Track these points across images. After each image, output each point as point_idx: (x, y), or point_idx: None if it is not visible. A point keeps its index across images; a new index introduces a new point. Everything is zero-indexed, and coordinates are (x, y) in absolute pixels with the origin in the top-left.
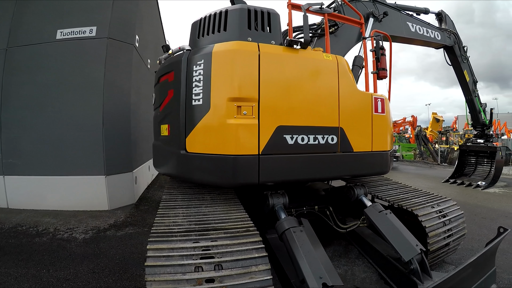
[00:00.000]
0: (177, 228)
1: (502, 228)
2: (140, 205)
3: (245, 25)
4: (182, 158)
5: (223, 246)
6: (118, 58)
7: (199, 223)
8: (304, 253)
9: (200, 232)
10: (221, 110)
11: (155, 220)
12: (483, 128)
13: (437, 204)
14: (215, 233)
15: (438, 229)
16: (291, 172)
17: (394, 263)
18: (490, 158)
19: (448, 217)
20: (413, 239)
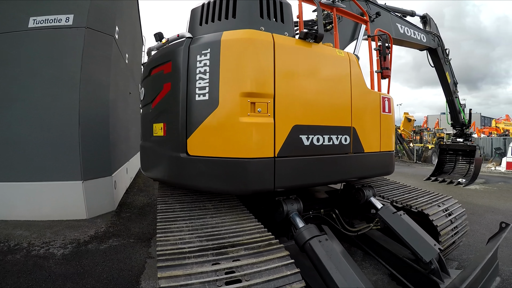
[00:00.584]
0: (187, 247)
1: (504, 223)
2: (121, 212)
3: (257, 13)
4: (182, 162)
5: (249, 266)
6: (96, 50)
7: (210, 238)
8: (335, 264)
9: (217, 251)
10: (233, 107)
11: (157, 237)
12: (462, 128)
13: (442, 203)
14: (234, 251)
15: (447, 227)
16: (307, 176)
17: (412, 264)
18: (468, 156)
19: (453, 215)
20: (430, 239)
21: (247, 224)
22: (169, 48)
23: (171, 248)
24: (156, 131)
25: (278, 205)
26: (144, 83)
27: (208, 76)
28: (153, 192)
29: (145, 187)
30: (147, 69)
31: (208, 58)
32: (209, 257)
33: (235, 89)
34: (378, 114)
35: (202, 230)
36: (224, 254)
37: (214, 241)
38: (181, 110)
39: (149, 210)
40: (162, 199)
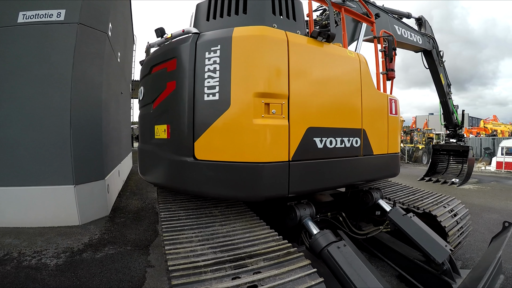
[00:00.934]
0: (202, 260)
1: (507, 222)
2: (115, 217)
3: (269, 9)
4: (188, 167)
5: (271, 278)
6: (89, 47)
7: (224, 249)
8: (356, 271)
9: (235, 263)
10: (246, 108)
11: (166, 250)
12: (455, 129)
13: (447, 204)
14: (253, 262)
15: (454, 227)
16: (319, 180)
17: (423, 265)
18: (461, 157)
19: (459, 216)
20: (441, 240)
21: (260, 232)
22: (174, 44)
23: (184, 262)
24: (158, 133)
25: (290, 211)
26: (143, 81)
27: (218, 74)
28: (146, 196)
29: (138, 190)
30: (147, 67)
31: (218, 55)
32: (227, 271)
33: (248, 89)
34: (386, 116)
35: (213, 240)
36: (243, 266)
37: (230, 252)
38: (187, 111)
39: (144, 215)
40: (164, 206)
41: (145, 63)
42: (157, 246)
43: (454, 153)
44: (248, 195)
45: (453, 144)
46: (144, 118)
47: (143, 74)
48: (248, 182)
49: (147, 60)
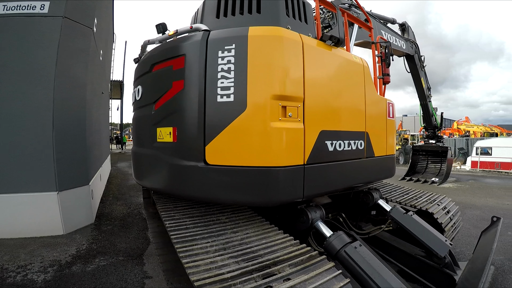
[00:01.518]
0: (226, 271)
1: (495, 217)
2: (101, 225)
3: (283, 11)
4: (199, 173)
5: (302, 284)
6: (74, 43)
7: (246, 257)
8: (376, 269)
9: (262, 272)
10: (263, 110)
11: (184, 263)
12: (434, 130)
13: (440, 202)
14: (279, 269)
15: (448, 224)
16: (330, 183)
17: (426, 260)
18: (440, 157)
19: (451, 212)
20: (441, 235)
21: (275, 237)
22: (181, 41)
23: (208, 275)
24: (162, 136)
25: (300, 214)
26: (141, 80)
27: (232, 74)
28: (130, 201)
29: (121, 194)
30: (147, 65)
31: (232, 54)
32: (257, 281)
33: (265, 90)
34: (385, 119)
35: (230, 248)
36: (271, 274)
37: (253, 261)
38: (198, 112)
39: (131, 221)
40: (167, 214)
41: (144, 61)
42: (151, 255)
43: (433, 153)
44: (265, 200)
45: (432, 144)
46: (141, 120)
47: (141, 72)
48: (265, 187)
49: (147, 57)
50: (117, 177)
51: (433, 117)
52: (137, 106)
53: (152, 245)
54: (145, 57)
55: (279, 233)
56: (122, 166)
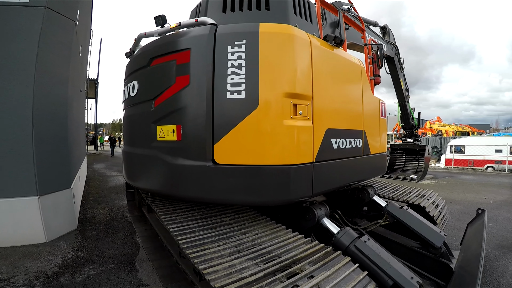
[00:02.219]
0: (248, 274)
1: (480, 209)
2: (85, 230)
3: (291, 9)
4: (207, 173)
5: (326, 280)
6: (56, 36)
7: (264, 258)
8: (387, 260)
9: (284, 272)
10: (275, 108)
11: (202, 269)
12: (412, 129)
13: (428, 197)
14: (300, 267)
15: (439, 216)
16: (334, 180)
17: (422, 251)
18: (418, 155)
19: (440, 206)
20: (436, 227)
21: (285, 236)
22: (185, 34)
23: (231, 280)
24: (163, 135)
25: (306, 212)
26: (136, 75)
27: (243, 71)
28: (112, 204)
29: (101, 197)
30: (145, 58)
31: (243, 50)
32: (283, 281)
33: (278, 88)
34: (378, 118)
35: (244, 250)
36: (294, 274)
37: (271, 262)
38: (206, 109)
39: (116, 225)
40: (168, 218)
41: (140, 54)
42: (144, 261)
43: (411, 151)
44: (277, 199)
45: (410, 143)
46: (137, 118)
47: (137, 66)
48: (277, 186)
49: (144, 50)
50: (95, 179)
51: (411, 117)
52: (131, 103)
53: (142, 250)
54: (142, 51)
55: (288, 231)
56: (98, 167)
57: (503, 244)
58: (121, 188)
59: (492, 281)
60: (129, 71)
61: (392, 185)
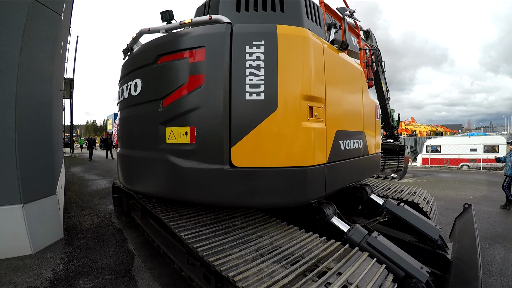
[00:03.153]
0: (280, 277)
1: (466, 204)
2: (73, 239)
3: (305, 12)
4: (225, 177)
5: (353, 276)
6: (41, 29)
7: (288, 260)
8: (398, 254)
9: (313, 272)
10: (294, 110)
11: (231, 276)
12: (392, 130)
13: (419, 194)
14: (326, 265)
15: (431, 212)
16: (342, 180)
17: (420, 245)
18: (398, 155)
19: (430, 202)
20: (431, 221)
21: (301, 237)
22: (199, 31)
23: (266, 285)
24: (174, 137)
25: (317, 212)
26: (139, 73)
27: (262, 72)
28: (97, 209)
29: (84, 203)
30: (149, 55)
31: (261, 51)
32: (315, 280)
33: (296, 90)
34: (375, 119)
35: (267, 253)
36: (323, 272)
37: (298, 262)
38: (223, 111)
39: (105, 233)
40: (177, 224)
41: (144, 51)
42: (142, 270)
43: (391, 151)
44: (297, 200)
45: (390, 143)
46: (140, 119)
47: (141, 64)
48: (296, 187)
49: (149, 47)
50: (75, 184)
51: (391, 118)
52: (133, 103)
53: (138, 258)
54: (147, 47)
55: (302, 232)
56: (76, 171)
57: (488, 236)
58: (103, 193)
59: (483, 269)
60: (129, 68)
61: (384, 184)
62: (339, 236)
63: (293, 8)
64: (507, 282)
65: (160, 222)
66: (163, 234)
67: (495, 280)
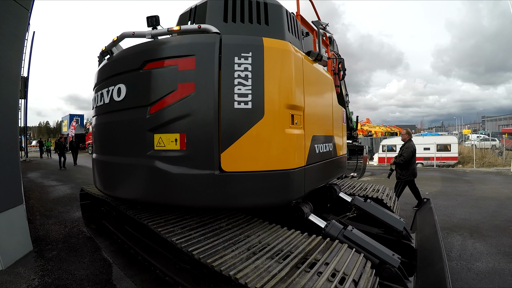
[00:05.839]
0: (277, 271)
1: (425, 198)
2: (43, 251)
3: (286, 27)
4: (215, 181)
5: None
6: (8, 25)
7: (280, 256)
8: (372, 244)
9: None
10: (279, 118)
11: (232, 275)
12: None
13: (382, 191)
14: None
15: (394, 206)
16: (317, 180)
17: (387, 236)
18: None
19: (393, 198)
20: (395, 215)
21: (285, 234)
22: (189, 40)
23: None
24: (163, 144)
25: (295, 210)
26: (123, 78)
27: (250, 82)
28: (63, 217)
29: (48, 211)
30: (135, 60)
31: (249, 62)
32: (307, 271)
33: (280, 100)
34: (342, 124)
35: (259, 252)
36: (313, 264)
37: (289, 257)
38: (214, 118)
39: (76, 242)
40: (166, 230)
41: (128, 56)
42: (122, 278)
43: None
44: (282, 200)
45: (349, 144)
46: (123, 125)
47: (124, 69)
48: (281, 188)
49: (135, 52)
50: (34, 191)
51: (350, 119)
52: (115, 108)
53: (115, 266)
54: (131, 52)
55: (285, 229)
56: (34, 176)
57: (445, 226)
58: (66, 200)
59: None
60: (111, 73)
61: (349, 183)
62: (316, 231)
63: (277, 22)
64: (466, 265)
65: (139, 228)
66: (143, 240)
67: (456, 264)
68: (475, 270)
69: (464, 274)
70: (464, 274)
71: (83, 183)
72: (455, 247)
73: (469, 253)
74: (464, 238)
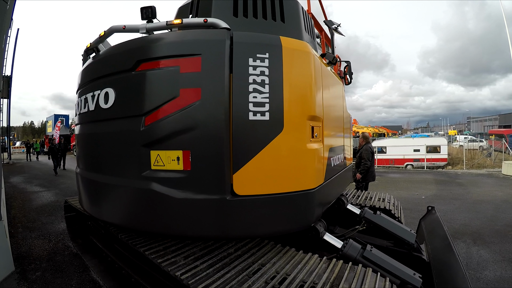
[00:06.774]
0: None
1: (430, 206)
2: (26, 271)
3: (303, 25)
4: (227, 208)
5: None
6: None
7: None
8: (392, 264)
9: None
10: (299, 131)
11: None
12: None
13: (388, 200)
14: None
15: (400, 216)
16: (332, 195)
17: (397, 249)
18: None
19: (399, 208)
20: (406, 226)
21: (303, 260)
22: (193, 36)
23: None
24: (162, 163)
25: (310, 230)
26: (111, 81)
27: (267, 89)
28: (47, 230)
29: (30, 222)
30: (126, 60)
31: (266, 65)
32: None
33: (301, 110)
34: (350, 131)
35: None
36: None
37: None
38: (225, 132)
39: (62, 260)
40: (168, 262)
41: (118, 54)
42: None
43: None
44: (301, 225)
45: None
46: (110, 138)
47: (112, 70)
48: (301, 211)
49: (125, 48)
50: (17, 198)
51: None
52: (101, 117)
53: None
54: (120, 49)
55: (300, 253)
56: (16, 181)
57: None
58: (50, 208)
59: None
60: (96, 74)
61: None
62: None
63: (293, 19)
64: (475, 274)
65: (132, 250)
66: (137, 263)
67: None
68: (484, 279)
69: (474, 284)
70: (474, 284)
71: (67, 188)
72: (461, 255)
73: (475, 262)
74: (468, 245)
